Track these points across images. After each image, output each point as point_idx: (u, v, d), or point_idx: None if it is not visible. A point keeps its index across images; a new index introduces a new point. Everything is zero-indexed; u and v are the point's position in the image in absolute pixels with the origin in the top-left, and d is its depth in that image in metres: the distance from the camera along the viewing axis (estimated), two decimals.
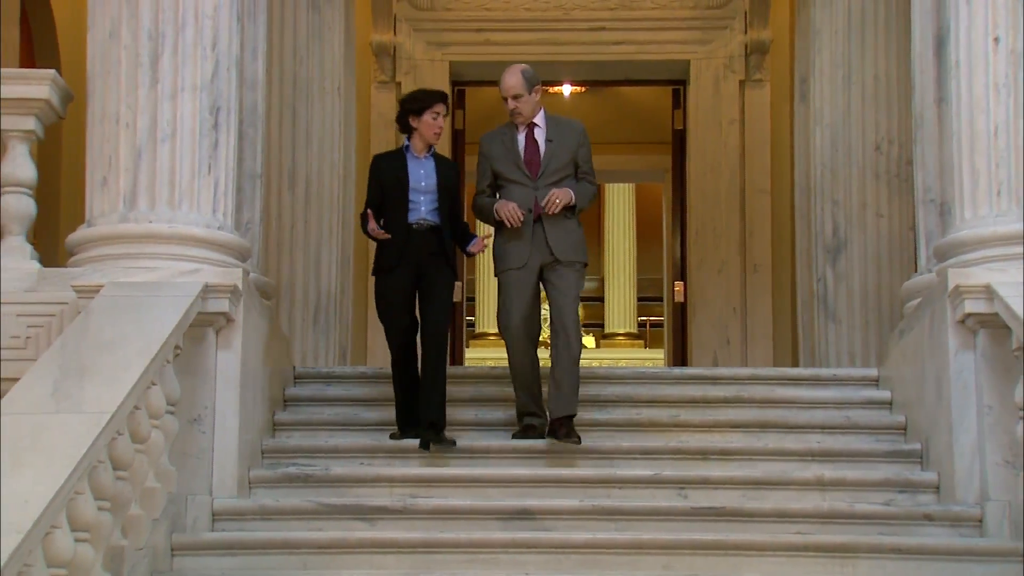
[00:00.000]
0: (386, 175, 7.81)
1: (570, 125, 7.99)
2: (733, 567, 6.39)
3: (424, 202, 7.75)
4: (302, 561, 6.50)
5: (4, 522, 4.60)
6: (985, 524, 6.60)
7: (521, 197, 7.72)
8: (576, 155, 7.84)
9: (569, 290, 7.63)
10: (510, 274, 7.68)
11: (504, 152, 7.83)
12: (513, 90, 7.83)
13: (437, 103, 7.82)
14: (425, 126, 7.79)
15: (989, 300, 6.57)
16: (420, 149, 7.84)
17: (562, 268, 7.65)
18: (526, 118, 7.84)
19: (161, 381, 6.22)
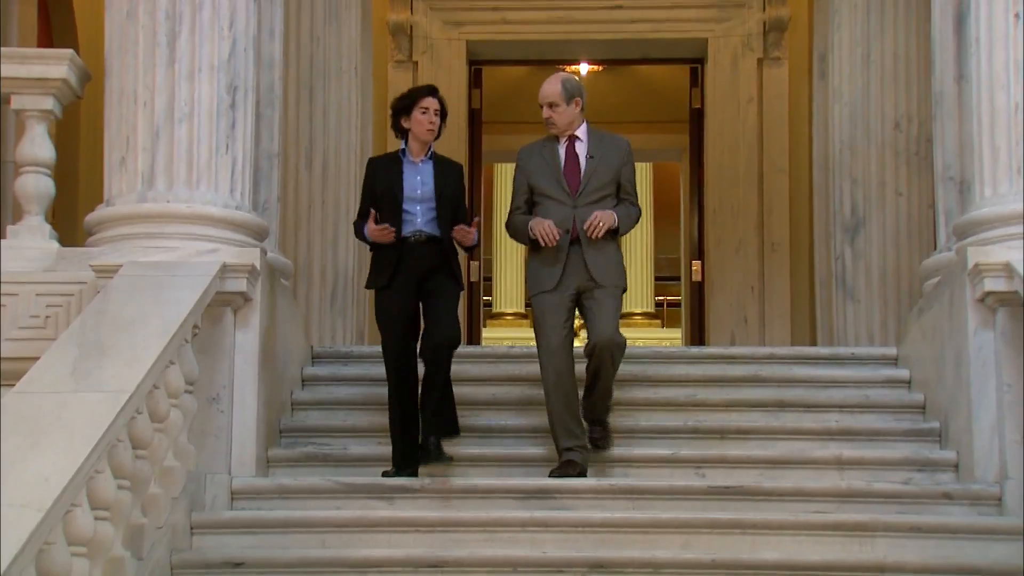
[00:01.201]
0: (379, 183, 7.36)
1: (615, 141, 7.41)
2: (751, 546, 6.40)
3: (420, 212, 7.27)
4: (321, 540, 6.52)
5: (25, 500, 4.63)
6: (1004, 503, 6.60)
7: (558, 216, 7.17)
8: (619, 174, 7.31)
9: (608, 315, 7.10)
10: (543, 298, 7.16)
11: (542, 166, 7.30)
12: (548, 98, 7.30)
13: (424, 97, 7.40)
14: (416, 124, 7.36)
15: (1009, 278, 6.56)
16: (417, 152, 7.38)
17: (600, 293, 7.13)
18: (560, 130, 7.30)
19: (180, 360, 6.25)
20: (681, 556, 6.30)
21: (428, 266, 7.23)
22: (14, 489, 4.70)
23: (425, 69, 12.61)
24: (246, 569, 6.26)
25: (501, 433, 7.48)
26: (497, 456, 7.19)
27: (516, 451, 7.25)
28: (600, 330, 7.04)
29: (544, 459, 7.07)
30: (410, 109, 7.37)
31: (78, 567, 5.05)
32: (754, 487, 6.84)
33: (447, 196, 7.31)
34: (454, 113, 12.41)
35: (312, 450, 7.28)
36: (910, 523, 6.48)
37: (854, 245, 9.44)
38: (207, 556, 6.37)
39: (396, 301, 7.21)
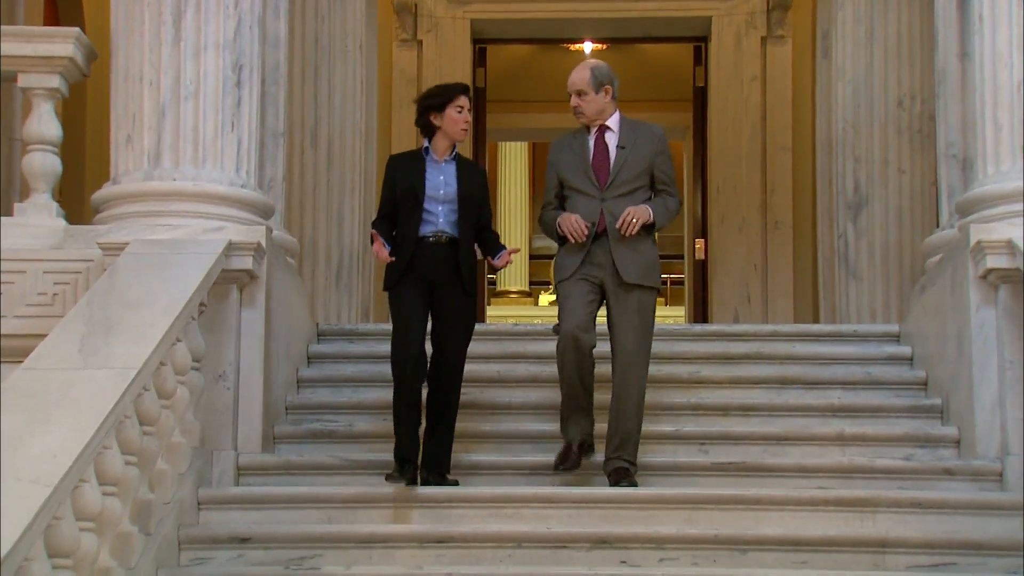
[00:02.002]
0: (400, 181, 6.94)
1: (648, 130, 7.02)
2: (754, 521, 6.42)
3: (442, 212, 6.86)
4: (326, 515, 6.55)
5: (33, 476, 4.65)
6: (1005, 478, 6.62)
7: (586, 210, 6.80)
8: (652, 164, 6.91)
9: (632, 322, 6.73)
10: (564, 284, 6.82)
11: (571, 158, 6.93)
12: (576, 86, 6.92)
13: (460, 95, 6.95)
14: (450, 122, 6.91)
15: (1011, 255, 6.57)
16: (442, 151, 6.96)
17: (628, 292, 6.76)
18: (589, 119, 6.92)
19: (186, 338, 6.27)
20: (684, 531, 6.31)
21: (441, 268, 6.82)
22: (23, 464, 4.72)
23: (429, 48, 12.60)
24: (253, 544, 6.29)
25: (506, 410, 7.48)
26: (502, 432, 7.21)
27: (521, 427, 7.27)
28: (622, 345, 6.74)
29: (550, 435, 7.08)
30: (444, 107, 6.92)
31: (86, 542, 5.08)
32: (757, 463, 6.87)
33: (471, 198, 6.92)
34: None
35: (318, 427, 7.30)
36: (912, 499, 6.50)
37: (857, 223, 9.44)
38: (214, 531, 6.40)
39: (408, 301, 6.78)
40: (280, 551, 6.27)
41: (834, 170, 9.71)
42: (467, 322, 6.86)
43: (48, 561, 4.71)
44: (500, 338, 8.28)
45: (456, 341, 6.80)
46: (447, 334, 6.81)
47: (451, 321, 6.80)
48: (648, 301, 6.81)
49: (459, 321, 6.82)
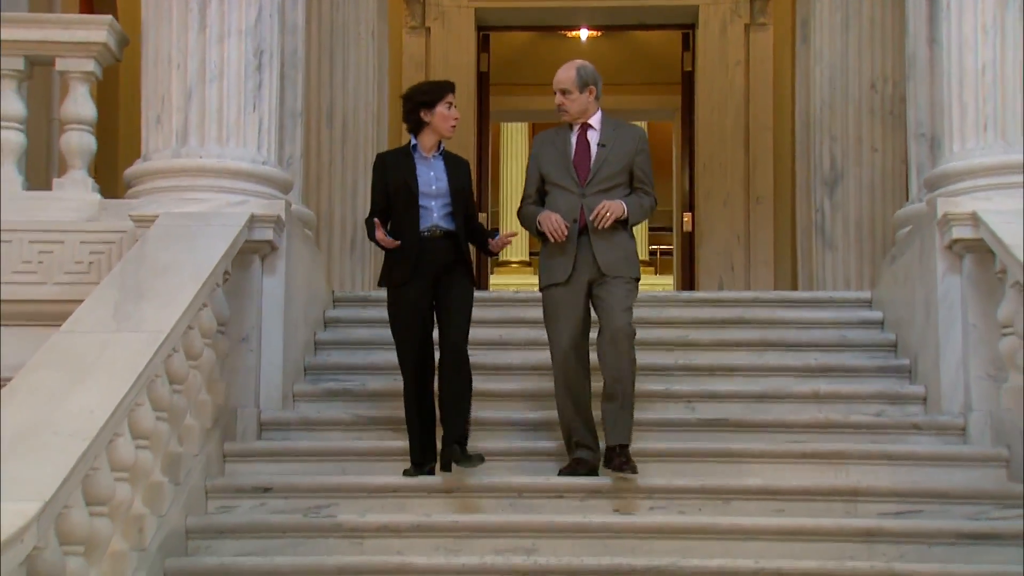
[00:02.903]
0: (392, 178, 6.62)
1: (629, 130, 6.78)
2: (737, 473, 6.45)
3: (436, 207, 6.57)
4: (341, 468, 6.59)
5: (72, 430, 4.68)
6: (968, 432, 6.64)
7: (566, 205, 6.52)
8: (632, 163, 6.62)
9: (618, 304, 6.42)
10: (555, 291, 6.50)
11: (553, 154, 6.64)
12: (560, 84, 6.65)
13: (448, 93, 6.70)
14: (439, 118, 6.63)
15: (975, 227, 6.57)
16: (429, 147, 6.67)
17: (610, 283, 6.47)
18: (572, 117, 6.64)
19: (212, 303, 6.28)
20: (673, 483, 6.34)
21: (445, 261, 6.55)
22: (62, 419, 4.75)
23: (437, 35, 12.58)
24: (273, 493, 6.32)
25: (507, 370, 7.49)
26: (503, 392, 7.22)
27: (521, 387, 7.27)
28: (609, 318, 6.41)
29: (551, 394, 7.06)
30: (435, 104, 6.64)
31: (121, 491, 5.11)
32: (740, 419, 6.88)
33: (461, 192, 6.66)
34: (464, 76, 12.44)
35: (334, 386, 7.31)
36: (882, 451, 6.54)
37: (833, 197, 9.44)
38: (238, 482, 6.43)
39: (413, 293, 6.51)
40: (299, 500, 6.30)
41: (812, 148, 9.70)
42: (468, 305, 6.58)
43: (86, 508, 4.74)
44: (502, 304, 8.29)
45: (460, 324, 6.51)
46: (451, 321, 6.52)
47: (454, 307, 6.53)
48: (630, 287, 6.52)
49: (461, 306, 6.54)
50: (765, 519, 6.06)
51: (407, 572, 5.67)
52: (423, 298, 6.52)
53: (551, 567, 5.71)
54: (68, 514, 4.55)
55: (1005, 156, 6.68)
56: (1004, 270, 6.32)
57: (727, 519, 6.07)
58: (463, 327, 6.51)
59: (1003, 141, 6.70)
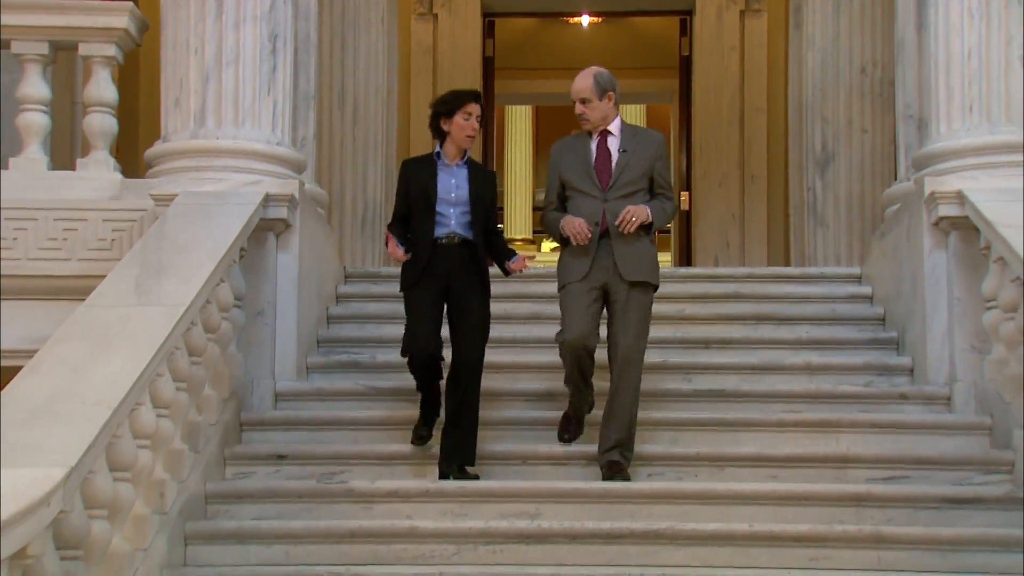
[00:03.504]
0: (413, 184, 6.42)
1: (648, 136, 6.50)
2: (732, 441, 6.47)
3: (455, 215, 6.34)
4: (353, 436, 6.60)
5: (96, 399, 4.69)
6: (953, 402, 6.65)
7: (589, 210, 6.28)
8: (652, 168, 6.37)
9: (631, 321, 6.21)
10: (569, 287, 6.29)
11: (575, 160, 6.39)
12: (580, 93, 6.35)
13: (469, 103, 6.40)
14: (457, 128, 6.37)
15: (960, 205, 6.57)
16: (453, 155, 6.42)
17: (628, 290, 6.22)
18: (593, 125, 6.37)
19: (229, 279, 6.29)
20: (670, 450, 6.37)
21: (457, 269, 6.31)
22: (86, 389, 4.77)
23: (444, 21, 12.54)
24: (288, 461, 6.35)
25: (512, 343, 7.49)
26: (508, 364, 7.20)
27: (525, 359, 7.26)
28: (620, 343, 6.22)
29: (550, 367, 7.05)
30: (452, 113, 6.38)
31: (143, 457, 5.14)
32: (734, 390, 6.89)
33: (482, 201, 6.40)
34: (470, 61, 12.43)
35: (345, 358, 7.32)
36: (870, 420, 6.55)
37: (824, 177, 9.43)
38: (255, 449, 6.46)
39: (423, 296, 6.30)
40: (313, 467, 6.33)
41: (804, 130, 9.68)
42: (484, 321, 6.36)
43: (110, 474, 4.76)
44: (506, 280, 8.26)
45: (474, 340, 6.29)
46: (465, 334, 6.30)
47: (469, 321, 6.30)
48: (646, 298, 6.31)
49: (476, 321, 6.32)
50: (759, 485, 6.08)
51: (415, 535, 5.69)
52: (430, 306, 6.29)
53: (553, 530, 5.73)
54: (93, 479, 4.57)
55: (990, 137, 6.68)
56: (988, 246, 6.32)
57: (722, 485, 6.09)
58: (479, 345, 6.30)
59: (988, 122, 6.69)
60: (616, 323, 6.25)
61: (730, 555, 5.63)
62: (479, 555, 5.66)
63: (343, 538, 5.75)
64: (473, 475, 6.19)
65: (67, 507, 4.22)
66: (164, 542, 5.44)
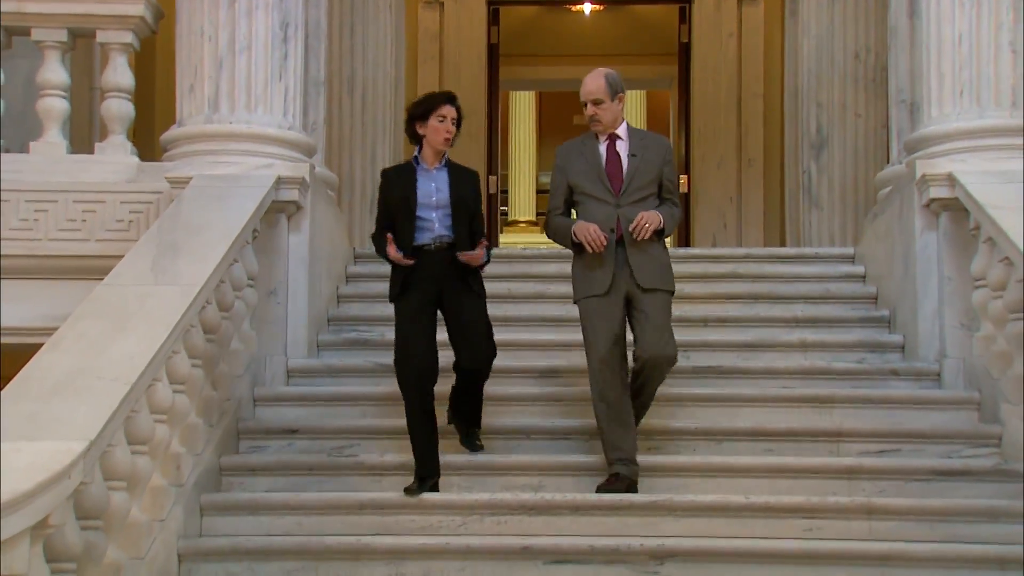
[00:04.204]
0: (393, 192, 6.06)
1: (656, 140, 6.18)
2: (729, 416, 6.47)
3: (438, 218, 5.97)
4: (362, 411, 6.61)
5: (114, 375, 4.71)
6: (943, 378, 6.65)
7: (602, 216, 5.93)
8: (661, 173, 6.06)
9: (656, 327, 5.89)
10: (591, 301, 5.92)
11: (584, 165, 6.03)
12: (592, 95, 5.99)
13: (443, 105, 6.06)
14: (432, 132, 6.03)
15: (951, 187, 6.56)
16: (431, 160, 6.06)
17: (646, 301, 5.91)
18: (605, 127, 6.02)
19: (242, 259, 6.30)
20: (669, 425, 6.37)
21: (447, 274, 5.95)
22: (105, 365, 4.79)
23: (450, 9, 12.50)
24: (300, 435, 6.37)
25: (516, 321, 7.49)
26: (513, 342, 7.20)
27: (530, 338, 7.26)
28: (649, 343, 5.87)
29: (556, 344, 7.08)
30: (427, 116, 6.05)
31: (160, 432, 5.16)
32: (731, 367, 6.89)
33: (464, 203, 6.03)
34: (475, 48, 12.40)
35: (355, 336, 7.33)
36: (862, 395, 6.55)
37: (819, 160, 9.41)
38: (268, 424, 6.47)
39: (410, 310, 5.94)
40: (324, 441, 6.34)
41: (799, 114, 9.67)
42: (484, 321, 6.04)
43: (128, 447, 4.78)
44: (511, 260, 8.28)
45: (480, 344, 5.98)
46: (469, 339, 5.98)
47: (469, 325, 5.98)
48: (665, 302, 5.99)
49: (477, 323, 6.00)
50: (755, 458, 6.10)
51: (423, 507, 5.71)
52: (420, 310, 5.93)
53: (556, 502, 5.75)
54: (112, 452, 4.60)
55: (979, 121, 6.66)
56: (977, 227, 6.32)
57: (719, 458, 6.11)
58: (485, 349, 6.00)
59: (978, 106, 6.68)
60: (642, 329, 5.91)
61: (727, 526, 5.65)
62: (484, 526, 5.68)
63: (353, 509, 5.78)
64: (479, 445, 6.17)
65: (87, 479, 4.24)
66: (181, 513, 5.47)
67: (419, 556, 5.46)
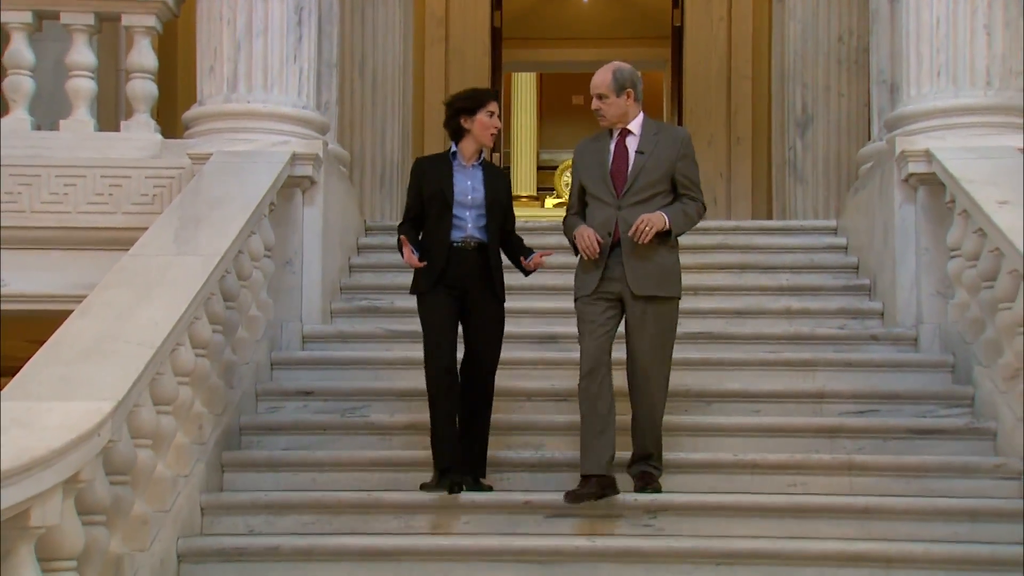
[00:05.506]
0: (428, 185, 5.69)
1: (671, 133, 5.64)
2: (718, 379, 6.47)
3: (471, 217, 5.64)
4: (374, 374, 6.62)
5: (140, 340, 4.72)
6: (919, 342, 6.66)
7: (602, 218, 5.47)
8: (673, 169, 5.50)
9: (647, 335, 5.41)
10: (583, 302, 5.50)
11: (592, 164, 5.57)
12: (597, 89, 5.52)
13: (491, 101, 5.71)
14: (480, 126, 5.66)
15: (928, 162, 6.56)
16: (470, 155, 5.71)
17: (644, 304, 5.41)
18: (610, 122, 5.54)
19: (259, 231, 6.31)
20: None
21: (474, 274, 5.64)
22: (131, 331, 4.80)
23: None
24: (315, 397, 6.38)
25: (519, 291, 7.37)
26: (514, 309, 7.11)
27: (530, 305, 7.24)
28: (633, 352, 5.45)
29: (554, 312, 7.07)
30: (475, 111, 5.67)
31: (183, 393, 5.18)
32: (721, 332, 6.89)
33: (498, 204, 5.71)
34: (479, 31, 12.36)
35: (366, 304, 7.33)
36: (844, 359, 6.56)
37: (804, 138, 9.38)
38: (284, 386, 6.49)
39: (440, 306, 5.62)
40: (337, 402, 6.35)
41: (786, 94, 9.63)
42: (499, 329, 5.73)
43: (153, 407, 4.80)
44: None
45: (490, 349, 5.69)
46: (481, 342, 5.68)
47: (485, 329, 5.68)
48: (665, 311, 5.48)
49: (492, 329, 5.70)
50: (742, 418, 6.11)
51: (430, 463, 5.71)
52: (449, 307, 5.62)
53: (556, 460, 5.77)
54: (138, 412, 4.61)
55: (955, 100, 6.65)
56: (953, 200, 6.32)
57: (709, 418, 6.12)
58: (494, 356, 5.70)
59: (954, 86, 6.66)
60: (631, 339, 5.46)
61: (716, 482, 5.67)
62: (489, 482, 5.68)
63: (364, 466, 5.80)
64: (487, 486, 5.61)
65: (115, 437, 4.26)
66: (203, 469, 5.50)
67: (427, 510, 5.48)
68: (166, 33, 7.63)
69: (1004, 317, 5.73)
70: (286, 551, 5.19)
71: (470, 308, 5.68)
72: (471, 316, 5.69)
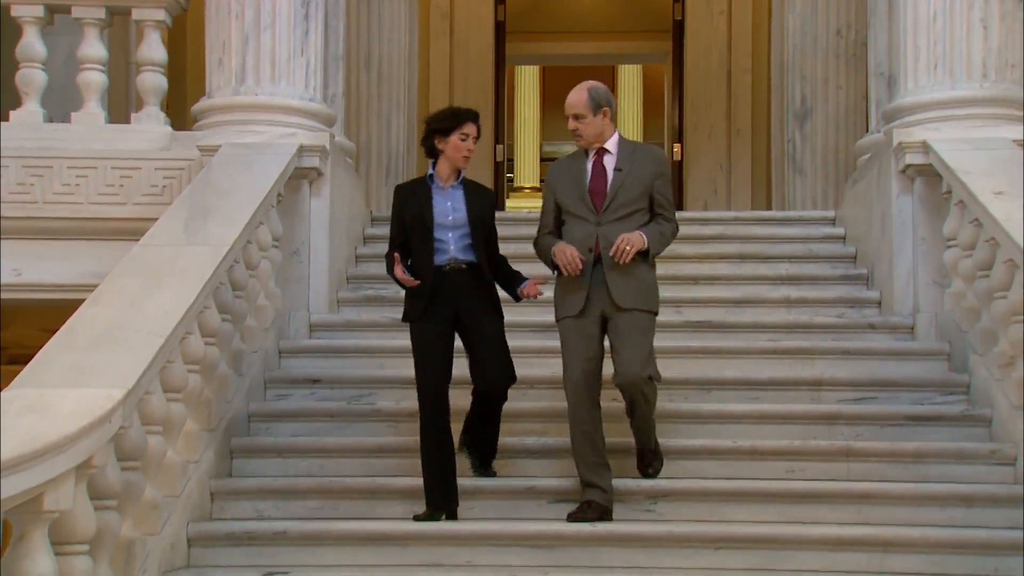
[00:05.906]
0: (408, 209, 5.53)
1: (648, 152, 5.56)
2: (717, 367, 6.48)
3: (453, 239, 5.47)
4: (379, 363, 6.63)
5: (150, 328, 4.73)
6: (916, 331, 6.67)
7: (582, 235, 5.38)
8: (651, 187, 5.43)
9: (632, 349, 5.31)
10: (567, 323, 5.41)
11: (569, 181, 5.47)
12: (573, 109, 5.42)
13: (467, 123, 5.52)
14: (452, 148, 5.50)
15: (925, 154, 6.55)
16: (446, 176, 5.54)
17: (624, 322, 5.34)
18: (588, 142, 5.43)
19: (267, 221, 6.31)
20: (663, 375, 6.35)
21: (464, 293, 5.48)
22: (141, 320, 4.81)
23: None
24: (322, 384, 6.39)
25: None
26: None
27: None
28: (623, 368, 5.32)
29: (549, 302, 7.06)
30: (449, 132, 5.52)
31: (193, 380, 5.19)
32: (720, 321, 6.90)
33: (481, 221, 5.53)
34: (483, 25, 12.34)
35: (372, 293, 7.34)
36: (842, 348, 6.56)
37: (802, 129, 9.38)
38: (292, 374, 6.49)
39: (431, 334, 5.44)
40: (343, 390, 6.36)
41: (785, 87, 9.63)
42: (503, 343, 5.57)
43: (163, 395, 4.81)
44: (516, 224, 8.24)
45: (499, 365, 5.52)
46: (487, 360, 5.50)
47: (488, 346, 5.51)
48: (644, 320, 5.40)
49: (495, 343, 5.53)
50: (742, 405, 6.11)
51: None
52: (441, 335, 5.44)
53: (556, 446, 5.78)
54: (149, 399, 4.62)
55: (952, 92, 6.64)
56: (949, 191, 6.31)
57: (708, 406, 6.12)
58: (505, 368, 5.52)
59: (950, 79, 6.65)
60: (616, 353, 5.38)
61: (716, 468, 5.68)
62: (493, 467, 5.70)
63: (370, 452, 5.82)
64: (492, 472, 5.65)
65: (126, 423, 4.27)
66: (212, 456, 5.51)
67: None
68: (175, 27, 7.64)
69: (999, 306, 5.73)
70: (294, 535, 5.20)
71: (467, 325, 5.50)
72: (471, 332, 5.52)
